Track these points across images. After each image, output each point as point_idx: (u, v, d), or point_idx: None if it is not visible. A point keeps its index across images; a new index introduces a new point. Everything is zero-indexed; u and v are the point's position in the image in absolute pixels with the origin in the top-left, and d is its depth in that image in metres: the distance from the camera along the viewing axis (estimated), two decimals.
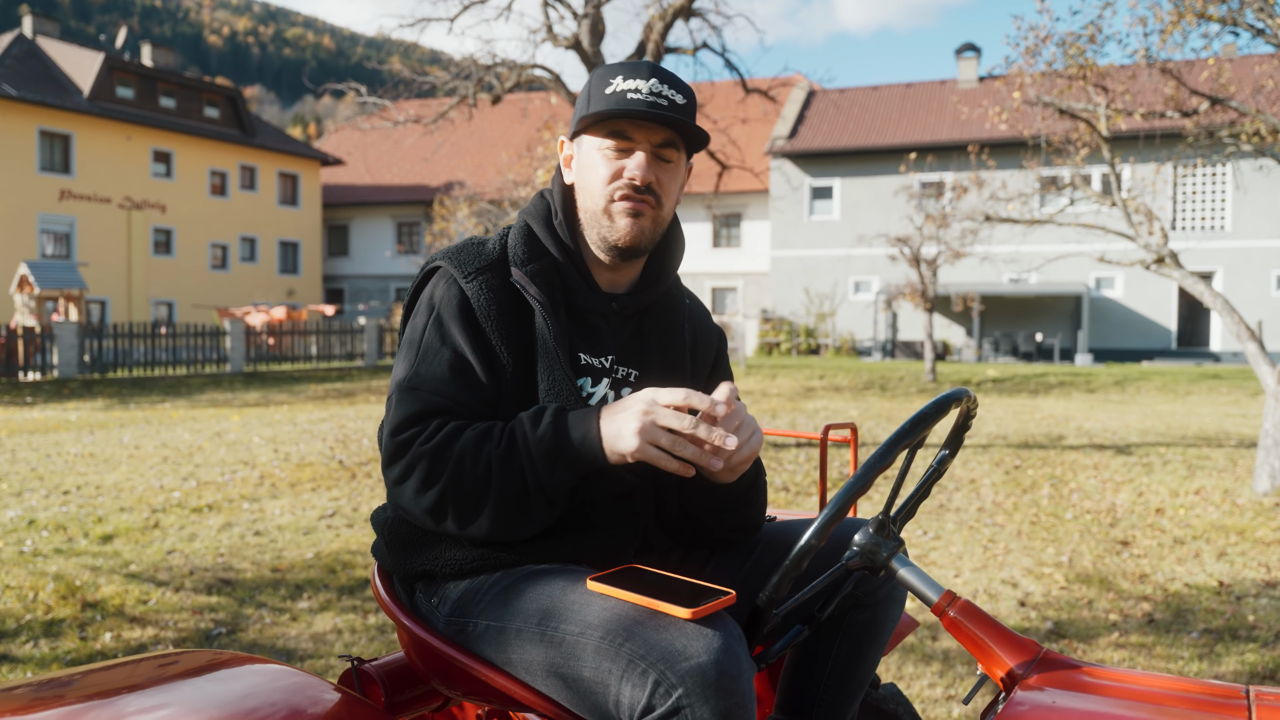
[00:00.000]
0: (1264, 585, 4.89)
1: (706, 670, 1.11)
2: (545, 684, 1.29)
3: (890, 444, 1.22)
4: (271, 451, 9.23)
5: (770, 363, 27.35)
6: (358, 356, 24.56)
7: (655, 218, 1.47)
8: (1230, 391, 18.04)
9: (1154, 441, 10.45)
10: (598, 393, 1.50)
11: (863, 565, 1.23)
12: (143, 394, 16.36)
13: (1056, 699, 1.01)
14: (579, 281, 1.50)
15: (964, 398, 1.32)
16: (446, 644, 1.36)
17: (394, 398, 1.43)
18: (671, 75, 1.46)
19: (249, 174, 36.60)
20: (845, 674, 1.49)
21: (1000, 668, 1.12)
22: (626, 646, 1.17)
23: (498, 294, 1.44)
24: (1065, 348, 30.32)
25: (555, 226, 1.52)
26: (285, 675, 1.28)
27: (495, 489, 1.33)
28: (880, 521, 1.23)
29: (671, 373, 1.55)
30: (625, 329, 1.54)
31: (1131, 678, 1.08)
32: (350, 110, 46.88)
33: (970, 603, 1.18)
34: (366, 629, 4.06)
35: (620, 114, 1.41)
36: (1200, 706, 0.99)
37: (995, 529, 6.22)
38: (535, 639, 1.28)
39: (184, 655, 1.38)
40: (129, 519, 6.16)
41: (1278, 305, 28.77)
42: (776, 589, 1.22)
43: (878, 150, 31.82)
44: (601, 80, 1.47)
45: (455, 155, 39.36)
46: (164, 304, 33.50)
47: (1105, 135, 7.97)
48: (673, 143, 1.46)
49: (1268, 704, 0.97)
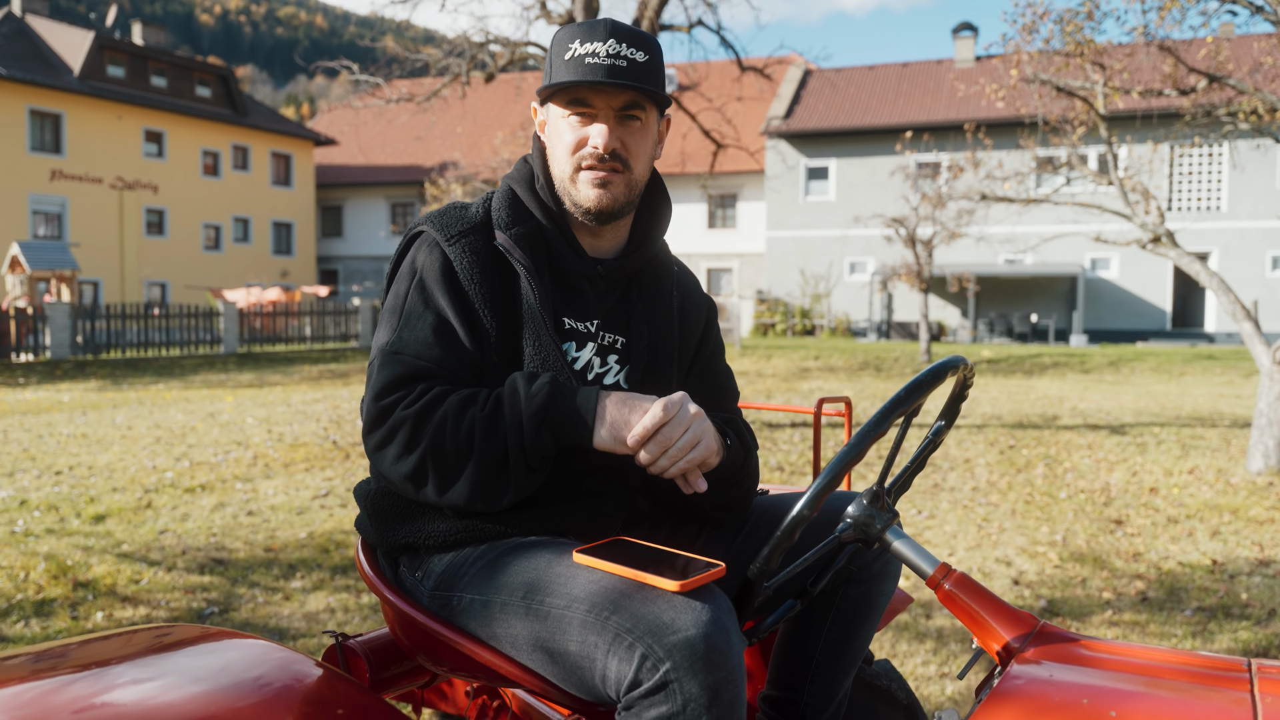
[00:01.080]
0: (1257, 564, 4.90)
1: (695, 644, 1.09)
2: (531, 658, 1.26)
3: (885, 412, 1.19)
4: (265, 432, 9.20)
5: (765, 343, 27.34)
6: (352, 337, 24.50)
7: (626, 182, 1.45)
8: (1224, 372, 18.07)
9: (1148, 422, 10.46)
10: (583, 357, 1.47)
11: (856, 537, 1.21)
12: (136, 375, 16.30)
13: (1054, 672, 0.99)
14: (564, 245, 1.48)
15: (960, 365, 1.29)
16: (431, 618, 1.34)
17: (375, 363, 1.40)
18: (631, 31, 1.42)
19: (241, 154, 36.36)
20: (838, 649, 1.46)
21: (996, 641, 1.09)
22: (613, 620, 1.14)
23: (481, 258, 1.42)
24: (1060, 329, 30.33)
25: (538, 190, 1.49)
26: (267, 651, 1.26)
27: (477, 452, 1.30)
28: (874, 493, 1.21)
29: (659, 341, 1.52)
30: (612, 295, 1.52)
31: (1130, 650, 1.06)
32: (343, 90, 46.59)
33: (966, 575, 1.16)
34: (360, 608, 4.05)
35: (578, 83, 1.38)
36: (1201, 679, 0.97)
37: (990, 508, 6.22)
38: (521, 613, 1.26)
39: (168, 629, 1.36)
40: (121, 499, 6.13)
41: (1273, 285, 28.79)
42: (768, 561, 1.19)
43: (874, 130, 31.68)
44: (560, 45, 1.43)
45: (449, 135, 39.13)
46: (157, 285, 33.35)
47: (1102, 114, 7.92)
48: (637, 102, 1.43)
49: (1270, 676, 0.95)
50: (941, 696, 3.23)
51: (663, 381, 1.52)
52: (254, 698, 1.11)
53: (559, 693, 1.25)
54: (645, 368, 1.51)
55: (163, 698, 1.06)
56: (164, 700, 1.06)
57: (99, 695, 1.07)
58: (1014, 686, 0.97)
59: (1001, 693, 0.97)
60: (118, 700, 1.05)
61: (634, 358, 1.51)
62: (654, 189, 1.57)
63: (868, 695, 1.64)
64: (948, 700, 3.20)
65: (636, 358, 1.51)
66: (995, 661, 1.12)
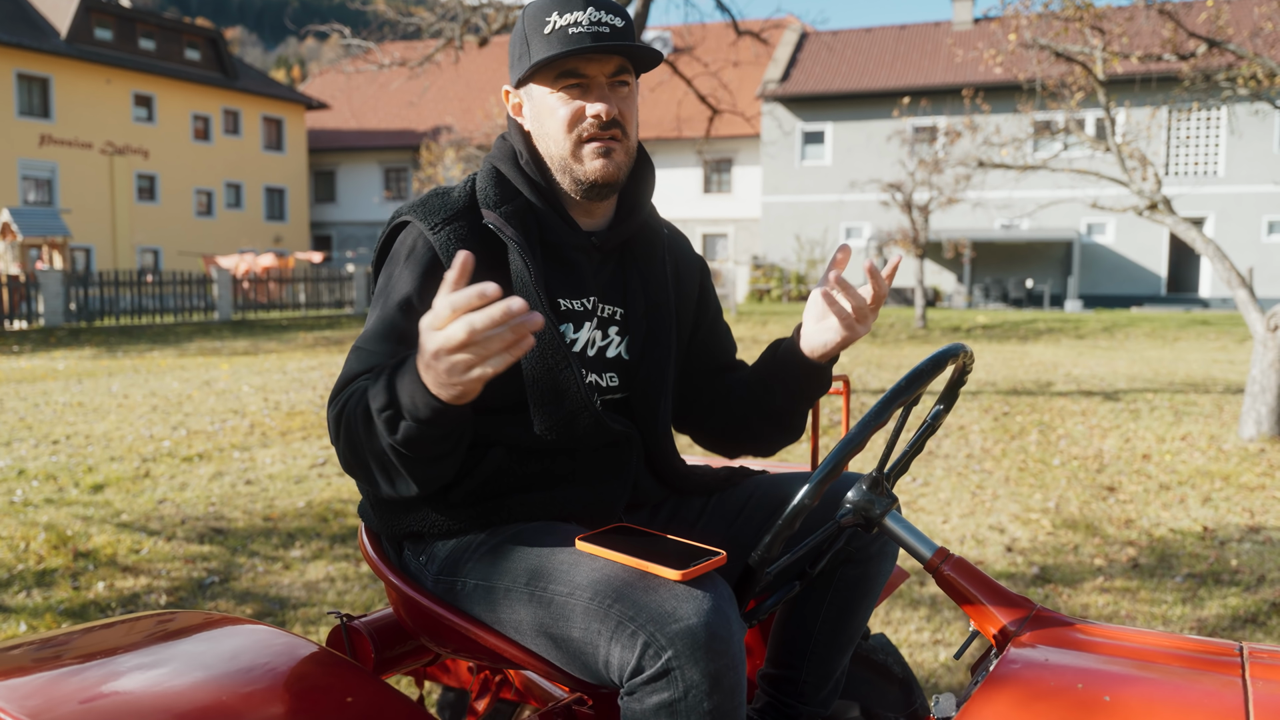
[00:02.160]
0: (1247, 530, 4.95)
1: (696, 632, 1.11)
2: (535, 643, 1.28)
3: (886, 402, 1.20)
4: (261, 400, 9.20)
5: (761, 309, 27.33)
6: (346, 304, 24.43)
7: (625, 149, 1.44)
8: (1218, 338, 18.12)
9: (1142, 388, 10.51)
10: (581, 338, 1.45)
11: (856, 522, 1.22)
12: (130, 342, 16.26)
13: (1049, 656, 1.01)
14: (556, 220, 1.46)
15: (960, 353, 1.30)
16: (436, 602, 1.35)
17: (349, 357, 1.39)
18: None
19: (232, 118, 36.00)
20: (836, 628, 1.49)
21: (993, 624, 1.11)
22: (616, 608, 1.16)
23: (468, 243, 1.39)
24: (1055, 294, 30.35)
25: (523, 166, 1.47)
26: (272, 636, 1.28)
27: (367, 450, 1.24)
28: (874, 479, 1.22)
29: (656, 308, 1.52)
30: (606, 266, 1.51)
31: (1125, 635, 1.08)
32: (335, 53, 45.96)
33: (963, 559, 1.18)
34: (359, 577, 4.08)
35: (571, 53, 1.36)
36: (1193, 664, 0.99)
37: (983, 475, 6.26)
38: (524, 599, 1.27)
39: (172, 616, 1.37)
40: (119, 468, 6.15)
41: (1268, 250, 28.79)
42: (769, 549, 1.21)
43: (871, 94, 31.44)
44: (536, 20, 1.40)
45: (442, 99, 38.75)
46: (149, 251, 33.16)
47: (1101, 79, 7.87)
48: (624, 68, 1.42)
49: (1260, 660, 0.97)
50: (935, 663, 3.27)
51: (662, 350, 1.51)
52: (260, 684, 1.12)
53: (562, 675, 1.27)
54: (645, 341, 1.51)
55: (170, 685, 1.08)
56: (171, 687, 1.07)
57: (106, 684, 1.08)
58: (1010, 671, 0.99)
59: (998, 677, 0.99)
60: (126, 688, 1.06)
61: (633, 327, 1.50)
62: (636, 155, 1.56)
63: (864, 669, 1.67)
64: (940, 667, 3.25)
65: (635, 327, 1.50)
66: (991, 644, 1.14)
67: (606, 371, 1.48)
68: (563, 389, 1.39)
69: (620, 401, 1.49)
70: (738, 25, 12.30)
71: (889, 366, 12.82)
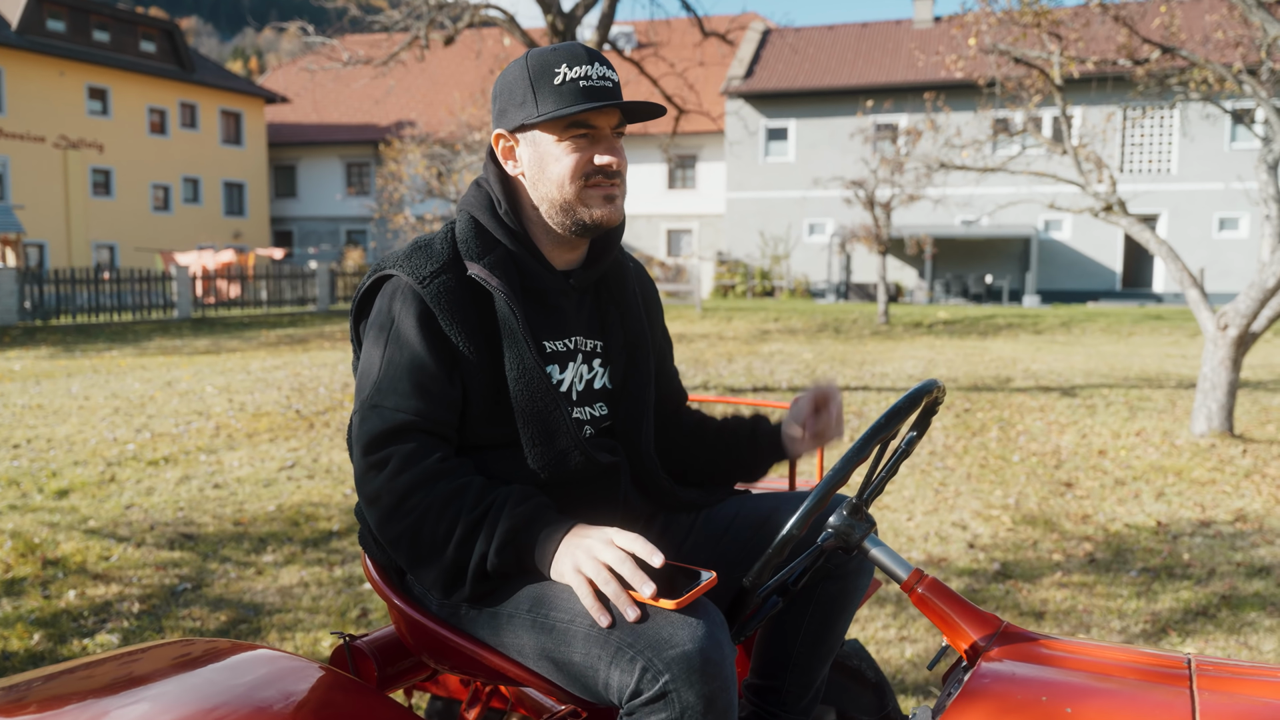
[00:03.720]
0: (1199, 524, 5.13)
1: (691, 658, 1.18)
2: (538, 665, 1.35)
3: (867, 438, 1.28)
4: (226, 401, 9.13)
5: (726, 305, 27.48)
6: (309, 301, 24.19)
7: (623, 194, 1.52)
8: (1171, 332, 18.56)
9: (1098, 383, 10.77)
10: (566, 377, 1.53)
11: (837, 545, 1.30)
12: (88, 341, 16.00)
13: (1016, 670, 1.10)
14: (534, 266, 1.51)
15: (934, 389, 1.39)
16: (441, 625, 1.41)
17: (356, 418, 1.44)
18: (598, 53, 1.49)
19: (189, 112, 35.43)
20: (817, 641, 1.56)
21: (964, 641, 1.20)
22: (615, 635, 1.23)
23: (455, 296, 1.44)
24: (1014, 289, 30.85)
25: (501, 216, 1.52)
26: (278, 660, 1.32)
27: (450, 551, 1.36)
28: (854, 505, 1.30)
29: (635, 338, 1.62)
30: (584, 303, 1.59)
31: (1084, 649, 1.17)
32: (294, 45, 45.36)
33: (937, 580, 1.26)
34: (333, 582, 4.10)
35: (589, 108, 1.42)
36: (1147, 676, 1.08)
37: (946, 472, 6.40)
38: (527, 625, 1.34)
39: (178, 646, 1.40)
40: (84, 473, 6.09)
41: (1219, 247, 29.49)
42: (759, 575, 1.29)
43: (833, 91, 31.70)
44: (543, 70, 1.45)
45: (405, 93, 38.44)
46: (105, 247, 32.57)
47: (1058, 84, 8.05)
48: (622, 120, 1.49)
49: (1207, 673, 1.06)
50: (901, 660, 3.37)
51: (643, 376, 1.60)
52: (274, 709, 1.16)
53: (563, 694, 1.34)
54: (625, 369, 1.60)
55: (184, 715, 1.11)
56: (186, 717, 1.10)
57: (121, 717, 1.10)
58: (981, 685, 1.08)
59: (970, 691, 1.07)
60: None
61: (614, 358, 1.59)
62: None
63: (839, 675, 1.75)
64: (907, 664, 3.35)
65: (616, 357, 1.59)
66: (962, 657, 1.22)
67: (595, 402, 1.57)
68: (553, 429, 1.46)
69: (608, 429, 1.58)
70: (703, 25, 12.38)
71: (852, 363, 12.99)
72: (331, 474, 6.14)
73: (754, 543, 1.55)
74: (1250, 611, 3.82)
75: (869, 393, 10.02)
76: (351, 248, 34.43)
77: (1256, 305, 7.01)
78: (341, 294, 25.31)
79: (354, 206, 38.35)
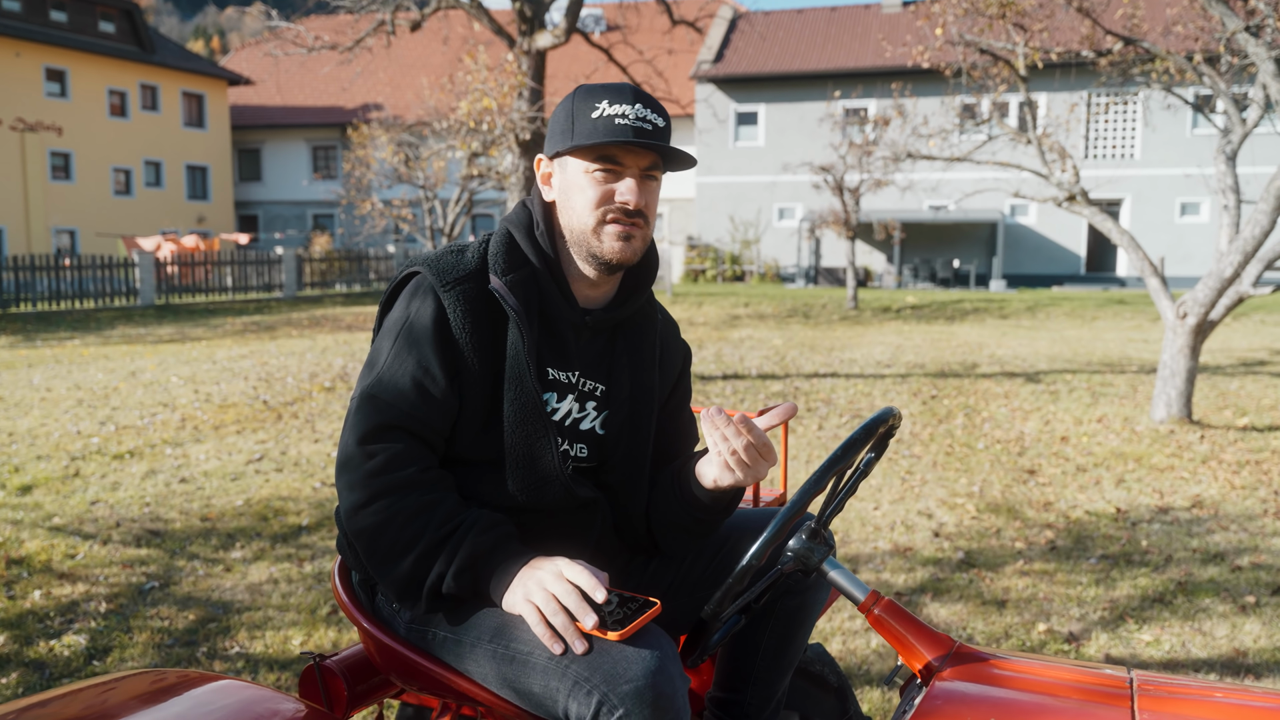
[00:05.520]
0: (1157, 511, 5.25)
1: (644, 692, 1.23)
2: (500, 691, 1.38)
3: (824, 470, 1.31)
4: (191, 392, 9.04)
5: (696, 290, 27.54)
6: (276, 287, 23.91)
7: (644, 236, 1.52)
8: (1134, 316, 18.87)
9: (1061, 368, 10.94)
10: (562, 409, 1.53)
11: (796, 568, 1.33)
12: (49, 330, 15.74)
13: (968, 691, 1.14)
14: (556, 293, 1.53)
15: (889, 418, 1.42)
16: (409, 648, 1.43)
17: (355, 403, 1.46)
18: (650, 97, 1.51)
19: (150, 94, 34.79)
20: (778, 654, 1.60)
21: (919, 660, 1.24)
22: (572, 668, 1.27)
23: (473, 305, 1.47)
24: (981, 273, 31.18)
25: (537, 237, 1.54)
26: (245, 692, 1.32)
27: (409, 561, 1.39)
28: (813, 529, 1.33)
29: (641, 393, 1.59)
30: (595, 343, 1.58)
31: (1031, 668, 1.21)
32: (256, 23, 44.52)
33: (893, 601, 1.30)
34: (303, 579, 4.09)
35: (614, 142, 1.44)
36: (1089, 696, 1.12)
37: (913, 460, 6.49)
38: (489, 654, 1.38)
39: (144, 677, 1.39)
40: (47, 468, 6.01)
41: (1181, 231, 29.96)
42: (720, 604, 1.32)
43: (802, 75, 31.76)
44: (586, 103, 1.48)
45: (372, 76, 37.97)
46: (66, 232, 31.96)
47: (1023, 75, 8.14)
48: (657, 164, 1.50)
49: (1148, 694, 1.11)
50: (867, 650, 3.43)
51: (642, 435, 1.59)
52: None
53: (528, 716, 1.38)
54: (625, 420, 1.58)
55: None
56: None
57: None
58: (934, 707, 1.12)
59: (923, 714, 1.11)
60: None
61: (613, 405, 1.58)
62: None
63: (802, 680, 1.79)
64: (872, 654, 3.41)
65: (616, 406, 1.58)
66: (917, 676, 1.26)
67: (577, 442, 1.57)
68: (538, 455, 1.48)
69: (589, 470, 1.58)
70: (672, 13, 12.35)
71: (821, 349, 13.10)
72: (300, 467, 6.11)
73: (716, 564, 1.58)
74: (1205, 598, 3.93)
75: (837, 379, 10.12)
76: (319, 233, 34.04)
77: (1214, 294, 7.16)
78: (308, 280, 25.05)
79: (320, 191, 37.91)
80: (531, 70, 10.64)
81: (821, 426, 7.63)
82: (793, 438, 7.20)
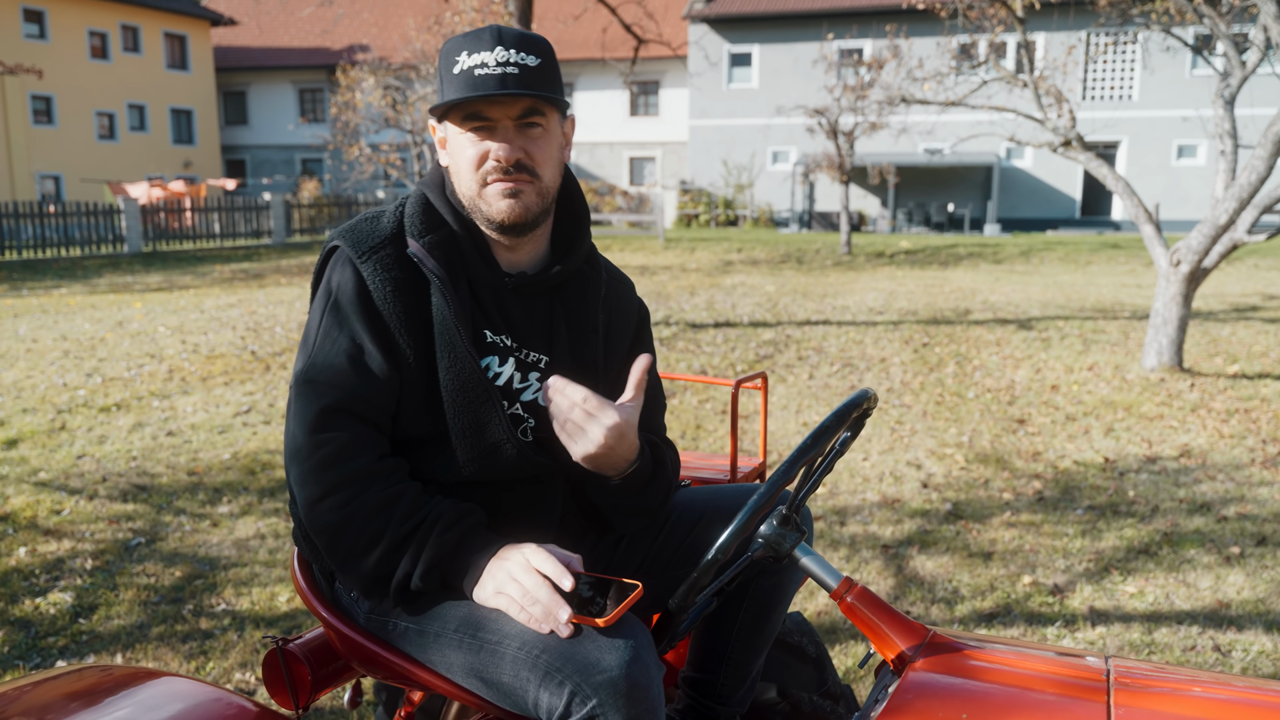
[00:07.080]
0: (1145, 461, 5.26)
1: (618, 683, 1.18)
2: (466, 682, 1.34)
3: (794, 459, 1.27)
4: (179, 343, 8.97)
5: (689, 235, 27.34)
6: (264, 234, 23.68)
7: (538, 190, 1.42)
8: (1128, 261, 18.81)
9: (1054, 315, 10.91)
10: (505, 372, 1.45)
11: (767, 555, 1.30)
12: (35, 278, 15.58)
13: (940, 682, 1.11)
14: (476, 257, 1.45)
15: (864, 400, 1.37)
16: (369, 639, 1.39)
17: (295, 389, 1.39)
18: (517, 34, 1.39)
19: (131, 35, 34.03)
20: (752, 634, 1.57)
21: (892, 650, 1.21)
22: (543, 658, 1.22)
23: (393, 273, 1.39)
24: (975, 217, 30.99)
25: (449, 196, 1.47)
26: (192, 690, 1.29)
27: (373, 559, 1.33)
28: (784, 515, 1.29)
29: (583, 363, 1.50)
30: (533, 310, 1.49)
31: (1006, 659, 1.19)
32: None
33: (866, 589, 1.27)
34: (290, 533, 4.09)
35: (471, 98, 1.35)
36: (1065, 689, 1.10)
37: (903, 410, 6.48)
38: (455, 644, 1.32)
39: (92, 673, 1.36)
40: (33, 421, 5.97)
41: (1178, 174, 29.74)
42: (685, 597, 1.29)
43: (797, 15, 31.17)
44: (448, 59, 1.40)
45: (357, 16, 37.19)
46: (50, 178, 31.50)
47: (1020, 16, 7.96)
48: (536, 109, 1.40)
49: (1125, 686, 1.08)
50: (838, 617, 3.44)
51: None
52: None
53: (494, 709, 1.34)
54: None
55: None
56: None
57: None
58: (905, 701, 1.09)
59: (895, 707, 1.09)
60: None
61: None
62: (570, 194, 1.54)
63: (780, 651, 1.78)
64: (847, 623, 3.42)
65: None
66: (889, 665, 1.24)
67: (525, 411, 1.48)
68: (484, 421, 1.40)
69: (540, 442, 1.49)
70: None
71: (814, 295, 13.03)
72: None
73: (688, 543, 1.53)
74: (1190, 549, 3.94)
75: (829, 327, 10.08)
76: (307, 178, 33.63)
77: (1209, 241, 7.10)
78: (298, 226, 24.79)
79: (308, 135, 37.34)
80: (519, 10, 10.40)
81: (812, 375, 7.61)
82: (784, 386, 7.18)
